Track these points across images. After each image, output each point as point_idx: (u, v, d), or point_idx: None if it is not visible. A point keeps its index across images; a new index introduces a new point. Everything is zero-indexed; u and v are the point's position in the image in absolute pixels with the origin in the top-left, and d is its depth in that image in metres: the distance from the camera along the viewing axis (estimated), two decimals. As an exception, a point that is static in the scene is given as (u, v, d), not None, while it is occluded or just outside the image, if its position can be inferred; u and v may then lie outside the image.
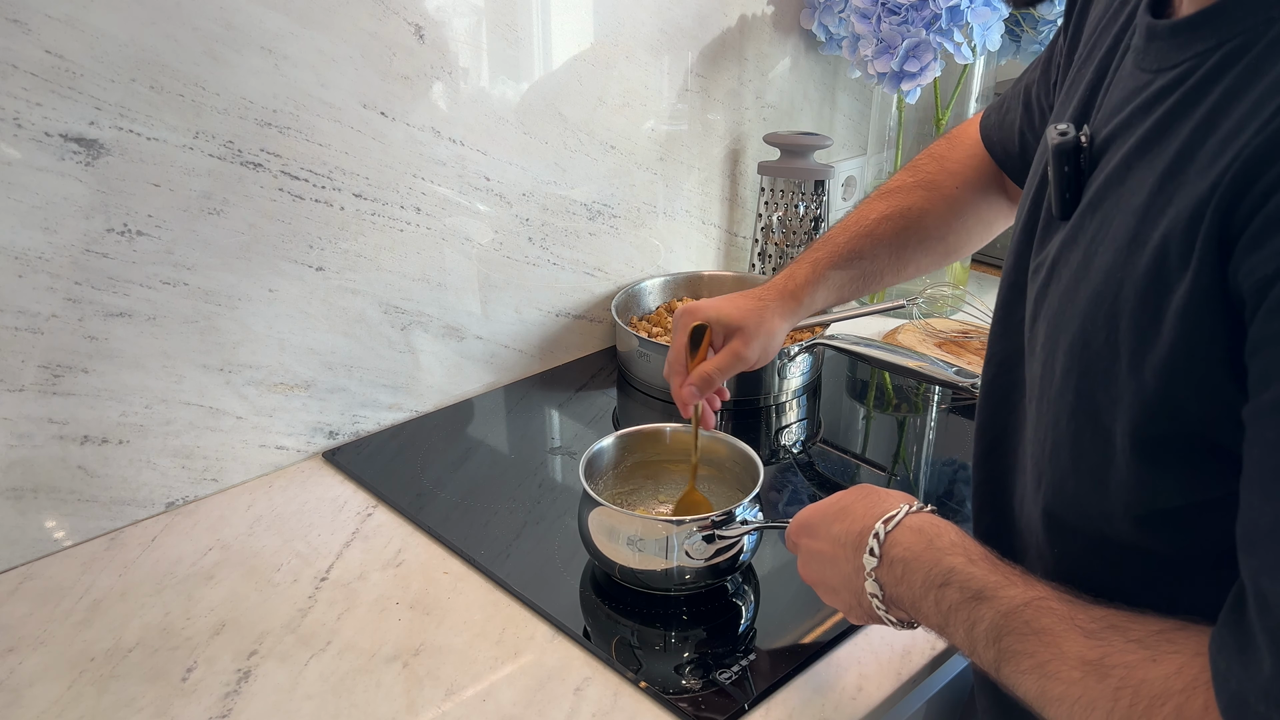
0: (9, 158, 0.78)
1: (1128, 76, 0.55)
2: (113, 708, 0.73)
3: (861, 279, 0.89)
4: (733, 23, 1.31)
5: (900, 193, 0.89)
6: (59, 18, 0.77)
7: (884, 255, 0.88)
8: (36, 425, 0.86)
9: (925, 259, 0.90)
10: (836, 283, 0.89)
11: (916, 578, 0.59)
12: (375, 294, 1.05)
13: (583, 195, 1.22)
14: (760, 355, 0.88)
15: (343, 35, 0.94)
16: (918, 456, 1.12)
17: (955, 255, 0.92)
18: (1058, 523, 0.58)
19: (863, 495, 0.67)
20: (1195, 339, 0.45)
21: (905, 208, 0.88)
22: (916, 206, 0.88)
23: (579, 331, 1.28)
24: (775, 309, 0.87)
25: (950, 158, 0.89)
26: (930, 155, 0.91)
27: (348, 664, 0.78)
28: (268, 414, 1.00)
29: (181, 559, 0.89)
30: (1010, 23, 1.32)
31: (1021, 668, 0.52)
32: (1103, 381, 0.51)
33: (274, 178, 0.93)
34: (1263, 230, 0.41)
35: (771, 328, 0.87)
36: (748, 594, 0.86)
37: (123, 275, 0.86)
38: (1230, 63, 0.46)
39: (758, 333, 0.86)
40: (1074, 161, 0.56)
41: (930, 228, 0.88)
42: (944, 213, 0.88)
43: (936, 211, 0.88)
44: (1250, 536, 0.42)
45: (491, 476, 1.03)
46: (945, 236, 0.89)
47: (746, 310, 0.87)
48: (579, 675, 0.77)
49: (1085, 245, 0.54)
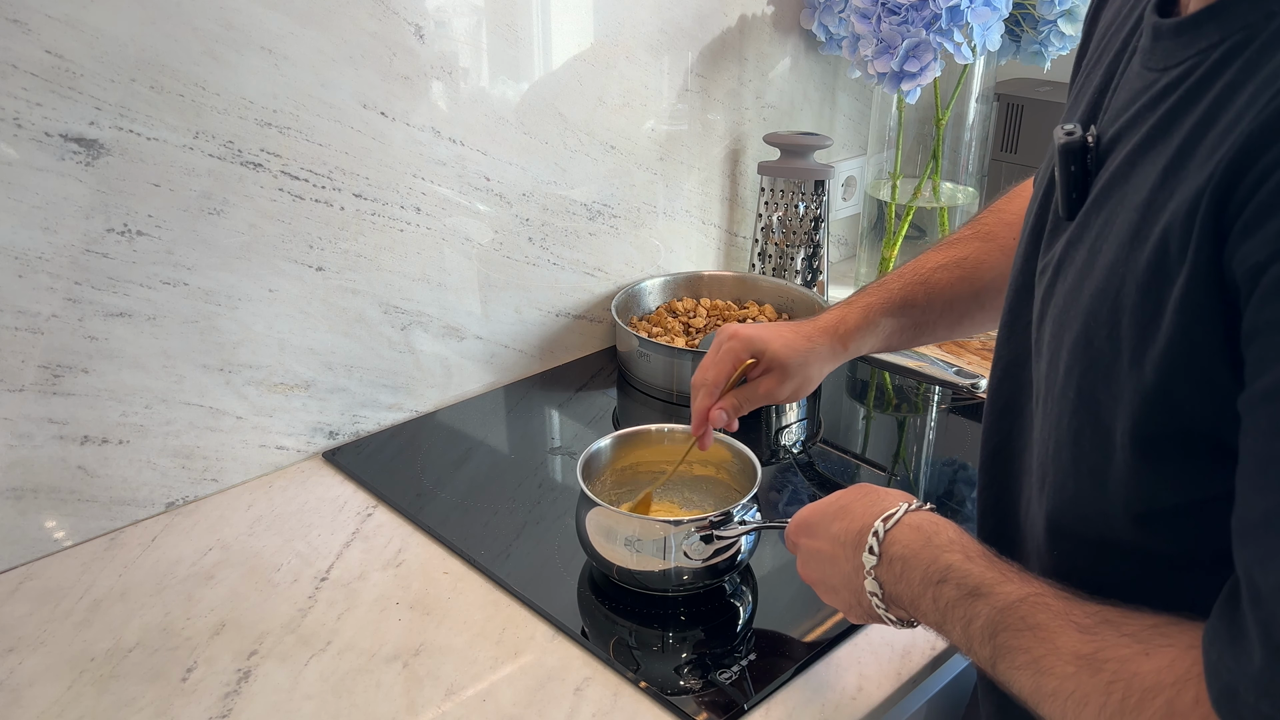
0: (9, 158, 0.78)
1: (1134, 76, 0.55)
2: (113, 708, 0.73)
3: (913, 329, 0.88)
4: (733, 23, 1.31)
5: (959, 244, 0.88)
6: (59, 18, 0.78)
7: (938, 305, 0.87)
8: (36, 425, 0.86)
9: (980, 312, 0.88)
10: (886, 330, 0.87)
11: (915, 575, 0.59)
12: (375, 294, 1.05)
13: (583, 195, 1.22)
14: (791, 395, 0.88)
15: (343, 35, 0.94)
16: (918, 456, 1.12)
17: None
18: (1059, 525, 0.58)
19: (862, 494, 0.67)
20: (1194, 330, 0.45)
21: (962, 258, 0.86)
22: (973, 257, 0.86)
23: (579, 331, 1.28)
24: (822, 354, 0.87)
25: (1008, 210, 0.88)
26: (990, 209, 0.90)
27: (348, 664, 0.78)
28: (268, 414, 1.00)
29: (181, 559, 0.90)
30: (1010, 23, 1.32)
31: (1016, 663, 0.52)
32: (1104, 378, 0.51)
33: (274, 178, 0.93)
34: (1256, 216, 0.42)
35: (811, 373, 0.87)
36: (746, 594, 0.86)
37: (123, 275, 0.87)
38: (1232, 58, 0.46)
39: (796, 374, 0.86)
40: (1080, 161, 0.56)
41: (986, 278, 0.86)
42: (1000, 262, 0.85)
43: (993, 261, 0.86)
44: (1243, 528, 0.43)
45: (491, 476, 1.03)
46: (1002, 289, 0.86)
47: (794, 350, 0.86)
48: (579, 675, 0.77)
49: (1090, 243, 0.54)
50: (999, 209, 0.89)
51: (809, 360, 0.86)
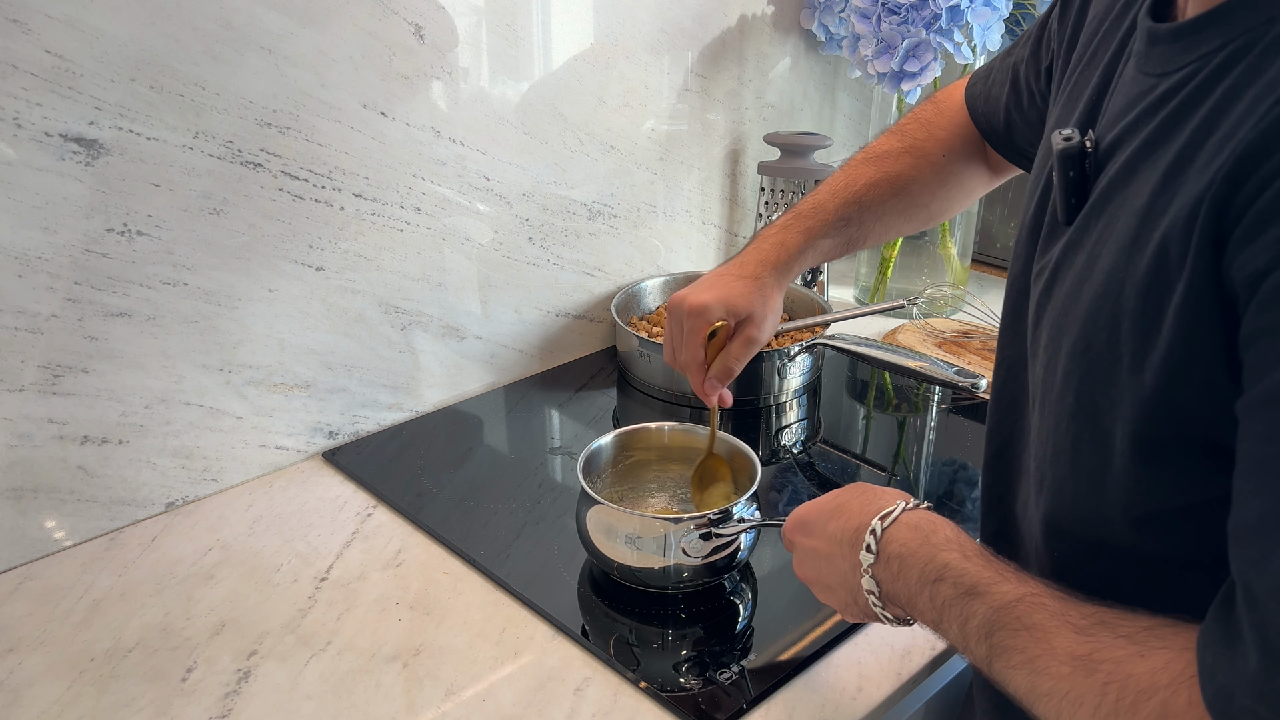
0: (9, 158, 0.78)
1: (1130, 81, 0.55)
2: (113, 708, 0.73)
3: (846, 244, 0.91)
4: (733, 23, 1.31)
5: (889, 159, 0.90)
6: (59, 18, 0.78)
7: (870, 221, 0.90)
8: (36, 425, 0.86)
9: (908, 225, 0.93)
10: (824, 249, 0.90)
11: (912, 573, 0.59)
12: (375, 294, 1.05)
13: (583, 195, 1.22)
14: (769, 332, 0.89)
15: (343, 35, 0.94)
16: (918, 456, 1.12)
17: (936, 220, 0.96)
18: (1057, 527, 0.58)
19: (859, 493, 0.67)
20: (1194, 337, 0.45)
21: (894, 174, 0.89)
22: (905, 174, 0.89)
23: (579, 331, 1.28)
24: (773, 284, 0.88)
25: (937, 124, 0.90)
26: (917, 120, 0.92)
27: (348, 664, 0.78)
28: (268, 414, 1.00)
29: (181, 559, 0.90)
30: (1010, 23, 1.32)
31: (1012, 663, 0.52)
32: (1103, 383, 0.51)
33: (274, 178, 0.93)
34: (1255, 224, 0.42)
35: (774, 304, 0.88)
36: (745, 592, 0.86)
37: (123, 275, 0.87)
38: (1232, 64, 0.46)
39: (765, 313, 0.87)
40: (1079, 166, 0.56)
41: (917, 195, 0.90)
42: (930, 180, 0.89)
43: (923, 179, 0.89)
44: (1239, 531, 0.43)
45: (491, 476, 1.03)
46: (930, 204, 0.91)
47: (750, 295, 0.86)
48: (579, 675, 0.77)
49: (1089, 248, 0.54)
50: (927, 121, 0.91)
51: (767, 296, 0.87)
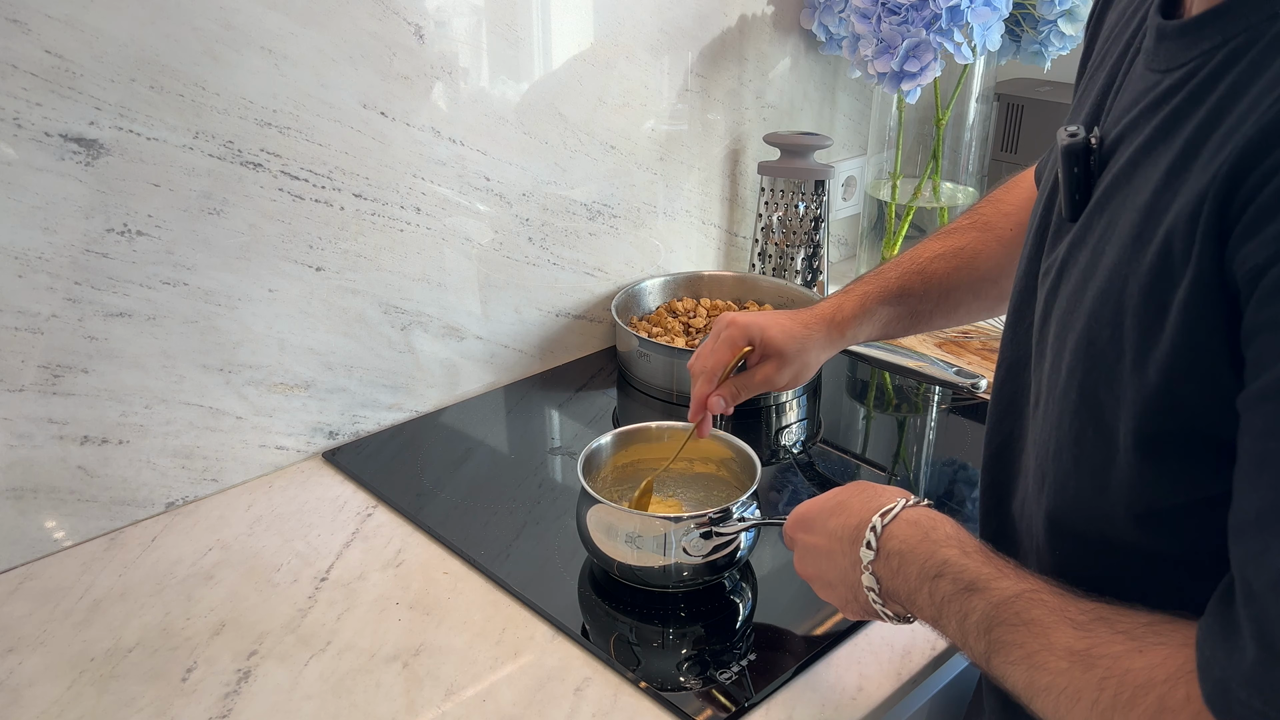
0: (9, 158, 0.78)
1: (1137, 78, 0.55)
2: (113, 708, 0.73)
3: (910, 317, 0.88)
4: (733, 23, 1.31)
5: (956, 233, 0.88)
6: (59, 18, 0.78)
7: (934, 294, 0.87)
8: (36, 425, 0.86)
9: (976, 301, 0.88)
10: (883, 318, 0.88)
11: (912, 570, 0.59)
12: (375, 294, 1.05)
13: (583, 195, 1.22)
14: (789, 382, 0.88)
15: (343, 35, 0.94)
16: (918, 456, 1.12)
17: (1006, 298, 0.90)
18: (1059, 525, 0.58)
19: (859, 490, 0.67)
20: (1197, 333, 0.45)
21: (959, 247, 0.87)
22: (970, 247, 0.87)
23: (579, 331, 1.28)
24: (819, 341, 0.87)
25: (1005, 200, 0.88)
26: (988, 199, 0.90)
27: (347, 664, 0.78)
28: (268, 414, 1.00)
29: (181, 559, 0.90)
30: (1010, 23, 1.32)
31: (1011, 658, 0.52)
32: (1106, 379, 0.51)
33: (274, 178, 0.93)
34: (1256, 219, 0.42)
35: (808, 359, 0.87)
36: (745, 591, 0.86)
37: (123, 275, 0.87)
38: (1234, 60, 0.46)
39: (794, 361, 0.86)
40: (1084, 163, 0.57)
41: (983, 268, 0.86)
42: (997, 253, 0.86)
43: (989, 252, 0.86)
44: (1238, 525, 0.43)
45: (491, 476, 1.03)
46: (998, 279, 0.87)
47: (791, 337, 0.86)
48: (579, 675, 0.77)
49: (1093, 245, 0.54)
50: (997, 199, 0.89)
51: (806, 347, 0.87)
